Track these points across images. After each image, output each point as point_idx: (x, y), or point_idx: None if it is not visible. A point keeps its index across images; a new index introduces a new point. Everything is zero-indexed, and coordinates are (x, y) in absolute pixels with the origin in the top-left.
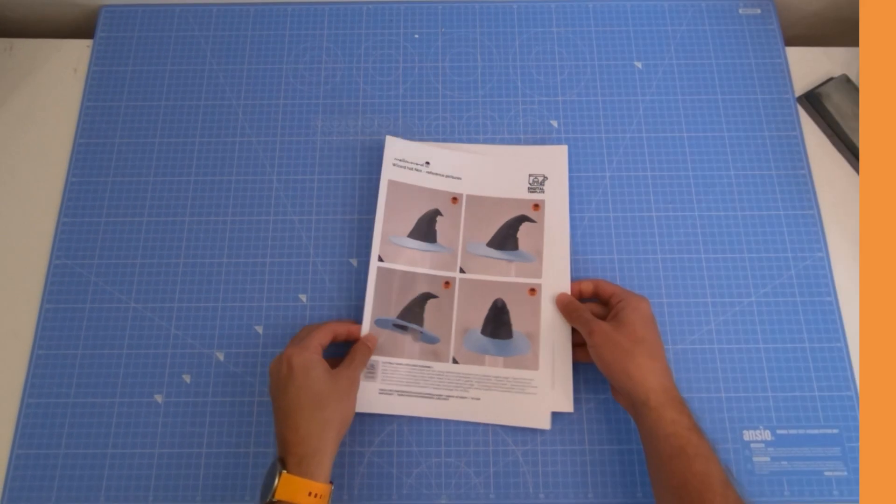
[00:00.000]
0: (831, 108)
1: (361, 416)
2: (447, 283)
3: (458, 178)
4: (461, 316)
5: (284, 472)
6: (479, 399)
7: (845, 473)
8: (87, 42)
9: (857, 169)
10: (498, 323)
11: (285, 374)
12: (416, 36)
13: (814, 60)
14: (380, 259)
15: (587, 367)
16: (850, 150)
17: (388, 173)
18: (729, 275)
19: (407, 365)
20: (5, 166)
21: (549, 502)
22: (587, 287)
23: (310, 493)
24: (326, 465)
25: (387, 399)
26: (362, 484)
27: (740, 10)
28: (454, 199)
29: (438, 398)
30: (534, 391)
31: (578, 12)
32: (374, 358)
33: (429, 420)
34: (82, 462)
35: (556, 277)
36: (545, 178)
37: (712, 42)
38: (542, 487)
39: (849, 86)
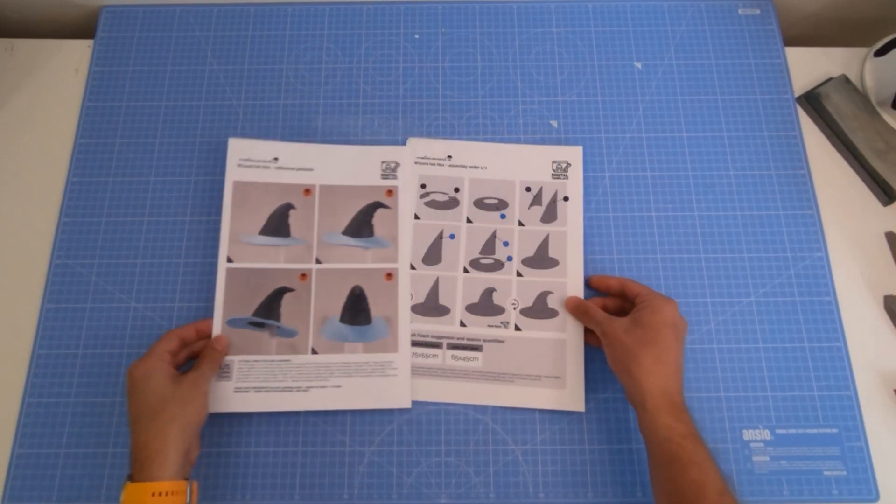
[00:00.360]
0: (830, 109)
1: (361, 416)
2: (303, 276)
3: (310, 170)
4: (319, 306)
5: (128, 482)
6: (339, 386)
7: (844, 473)
8: (88, 42)
9: (856, 169)
10: (356, 310)
11: (127, 387)
12: (416, 36)
13: (813, 60)
14: (229, 260)
15: (587, 367)
16: (849, 150)
17: (233, 174)
18: (728, 274)
19: (264, 361)
20: (6, 166)
21: (549, 502)
22: (614, 284)
23: (154, 494)
24: (171, 464)
25: (243, 397)
26: (362, 483)
27: (740, 11)
28: (307, 191)
29: (298, 390)
30: (394, 372)
31: (578, 12)
32: (229, 358)
33: (429, 419)
34: (82, 462)
35: (571, 276)
36: (397, 164)
37: (712, 42)
38: (542, 487)
39: (848, 86)
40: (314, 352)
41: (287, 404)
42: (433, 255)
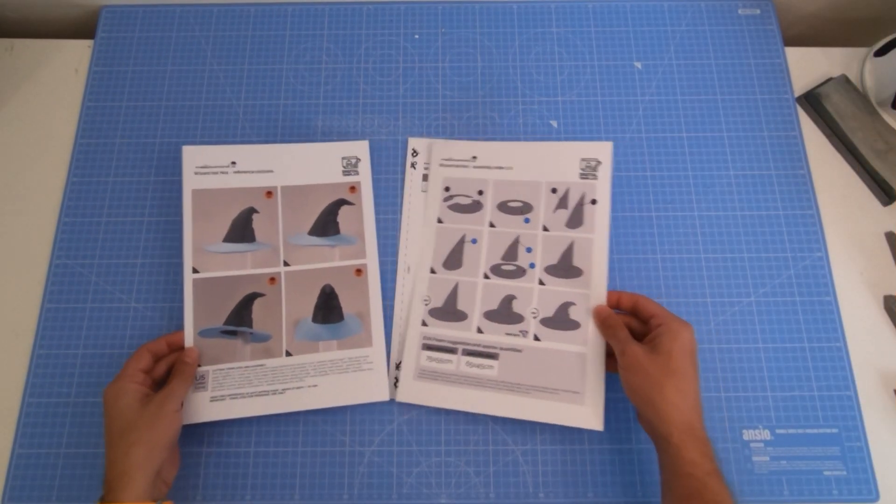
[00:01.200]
0: (830, 109)
1: (361, 416)
2: (272, 279)
3: (270, 172)
4: (291, 308)
5: (98, 503)
6: (316, 385)
7: (844, 473)
8: (88, 42)
9: (856, 169)
10: (328, 308)
11: (103, 408)
12: (416, 36)
13: (813, 61)
14: (195, 271)
15: None
16: (849, 150)
17: (190, 183)
18: (728, 275)
19: (239, 368)
20: (6, 166)
21: (549, 502)
22: (626, 301)
23: None
24: (137, 485)
25: (219, 405)
26: (362, 483)
27: (740, 11)
28: (268, 194)
29: (274, 393)
30: (370, 367)
31: (578, 12)
32: (203, 368)
33: (429, 419)
34: (82, 462)
35: (594, 287)
36: (358, 159)
37: (712, 42)
38: (542, 487)
39: (848, 86)
40: (288, 354)
41: (263, 408)
42: (454, 259)
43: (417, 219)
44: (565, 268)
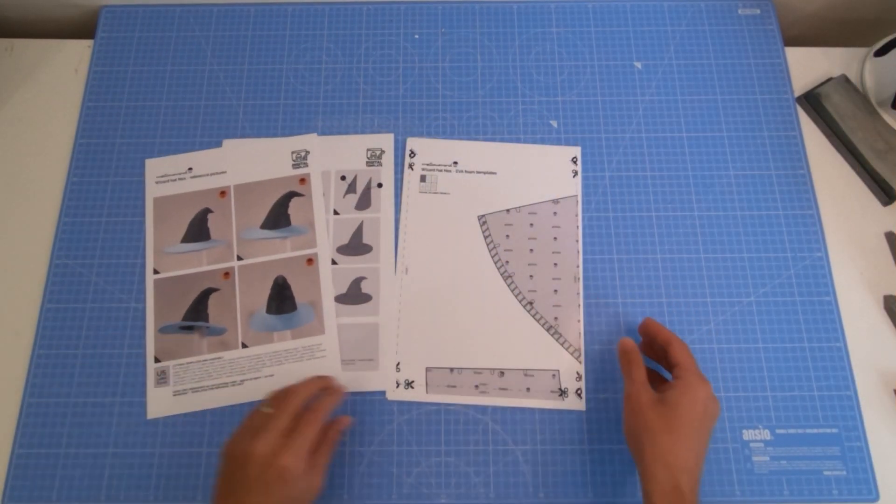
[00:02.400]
0: (830, 109)
1: (361, 416)
2: (226, 274)
3: (223, 173)
4: (245, 301)
5: None
6: (272, 375)
7: (844, 473)
8: (88, 42)
9: (856, 169)
10: (281, 298)
11: (272, 479)
12: (416, 36)
13: (813, 61)
14: (155, 272)
15: (587, 368)
16: (849, 150)
17: (152, 192)
18: (728, 274)
19: (197, 361)
20: (6, 166)
21: (549, 502)
22: (661, 339)
23: None
24: None
25: (181, 399)
26: (362, 483)
27: (740, 11)
28: (222, 193)
29: (233, 385)
30: (323, 354)
31: (578, 12)
32: (164, 363)
33: (429, 419)
34: (82, 462)
35: (383, 261)
36: (307, 152)
37: (712, 42)
38: (542, 487)
39: (848, 86)
40: (244, 346)
41: (224, 400)
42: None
43: (415, 219)
44: (356, 246)
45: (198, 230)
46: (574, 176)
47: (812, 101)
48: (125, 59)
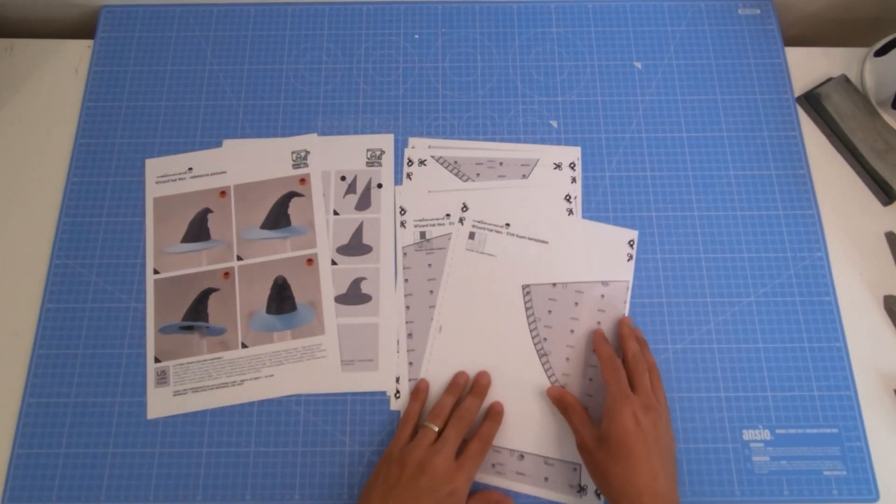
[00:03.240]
0: (830, 109)
1: (361, 416)
2: (226, 274)
3: (224, 173)
4: (245, 301)
5: None
6: (272, 375)
7: (844, 473)
8: (88, 42)
9: (856, 169)
10: (281, 298)
11: (443, 496)
12: (416, 36)
13: (813, 61)
14: (156, 272)
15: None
16: (849, 150)
17: (152, 192)
18: (728, 274)
19: (197, 362)
20: (6, 166)
21: (549, 502)
22: (600, 359)
23: None
24: None
25: (182, 399)
26: (362, 483)
27: (740, 11)
28: (222, 194)
29: (233, 385)
30: (323, 354)
31: (578, 12)
32: (164, 363)
33: None
34: (82, 462)
35: (384, 262)
36: (307, 152)
37: (712, 42)
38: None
39: (848, 86)
40: (244, 346)
41: (226, 399)
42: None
43: (458, 277)
44: (355, 246)
45: (198, 230)
46: (629, 260)
47: (812, 101)
48: (125, 59)
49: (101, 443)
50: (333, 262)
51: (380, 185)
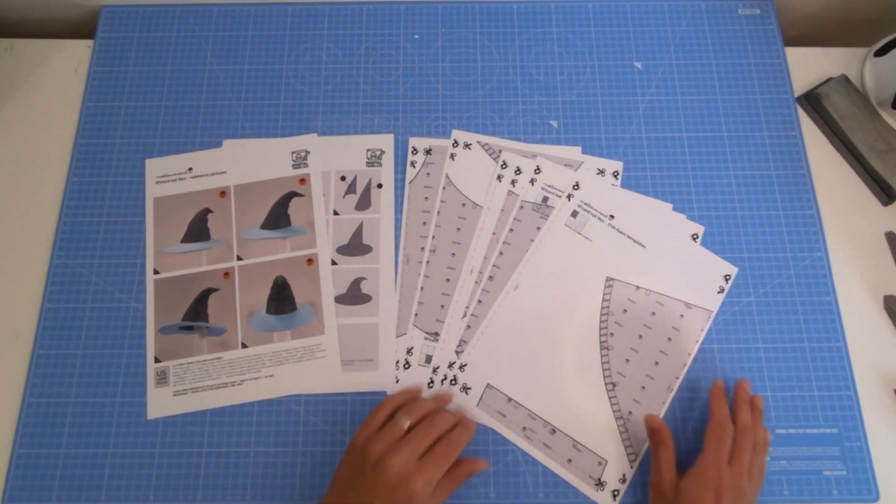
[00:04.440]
0: (830, 109)
1: (363, 417)
2: (226, 274)
3: (224, 173)
4: (245, 301)
5: None
6: (272, 376)
7: (845, 473)
8: (88, 42)
9: (856, 169)
10: (281, 298)
11: (400, 497)
12: (416, 36)
13: (813, 61)
14: (155, 272)
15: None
16: (849, 150)
17: (152, 192)
18: None
19: (197, 362)
20: (6, 166)
21: (549, 502)
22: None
23: None
24: None
25: (182, 399)
26: None
27: (740, 11)
28: (222, 194)
29: (233, 385)
30: (323, 354)
31: (578, 12)
32: (164, 363)
33: None
34: (82, 462)
35: (383, 262)
36: (307, 152)
37: (712, 42)
38: (542, 487)
39: (848, 86)
40: (244, 346)
41: (226, 399)
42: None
43: (549, 247)
44: (355, 246)
45: (198, 230)
46: (719, 292)
47: (812, 101)
48: (125, 59)
49: (101, 443)
50: (333, 262)
51: (380, 185)
